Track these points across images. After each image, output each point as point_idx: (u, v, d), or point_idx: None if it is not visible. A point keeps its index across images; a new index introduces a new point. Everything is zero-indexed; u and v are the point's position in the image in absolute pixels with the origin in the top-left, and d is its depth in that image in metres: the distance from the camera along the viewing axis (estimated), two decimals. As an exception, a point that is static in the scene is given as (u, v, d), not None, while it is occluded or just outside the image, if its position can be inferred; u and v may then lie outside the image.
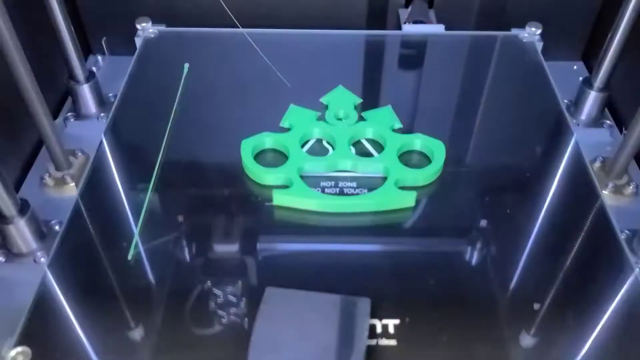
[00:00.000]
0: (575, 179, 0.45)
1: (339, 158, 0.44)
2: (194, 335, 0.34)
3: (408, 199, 0.41)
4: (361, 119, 0.47)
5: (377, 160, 0.44)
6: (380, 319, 0.34)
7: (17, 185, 0.45)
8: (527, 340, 0.34)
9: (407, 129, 0.47)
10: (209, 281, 0.37)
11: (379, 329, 0.34)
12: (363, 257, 0.39)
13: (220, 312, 0.35)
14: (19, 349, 0.32)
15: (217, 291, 0.36)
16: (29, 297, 0.36)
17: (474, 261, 0.39)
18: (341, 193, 0.42)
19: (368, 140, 0.46)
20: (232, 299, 0.36)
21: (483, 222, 0.41)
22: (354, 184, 0.43)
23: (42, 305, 0.36)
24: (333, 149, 0.45)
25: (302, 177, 0.43)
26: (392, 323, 0.34)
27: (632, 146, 0.42)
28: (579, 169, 0.45)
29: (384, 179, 0.43)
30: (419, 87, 0.53)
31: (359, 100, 0.49)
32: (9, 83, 0.38)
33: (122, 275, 0.38)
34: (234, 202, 0.43)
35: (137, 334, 0.35)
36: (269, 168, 0.43)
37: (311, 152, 0.45)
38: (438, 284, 0.37)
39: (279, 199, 0.41)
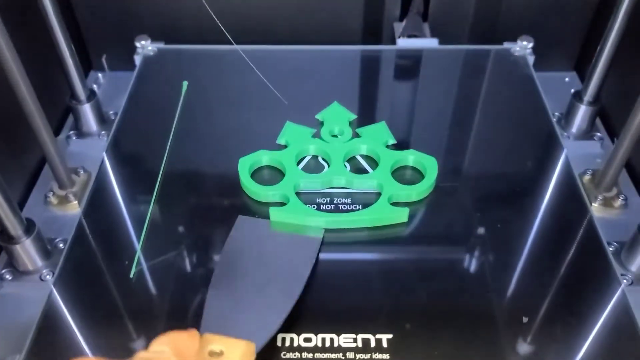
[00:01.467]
0: (565, 192, 0.46)
1: (334, 175, 0.45)
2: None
3: (401, 215, 0.42)
4: (356, 135, 0.49)
5: (371, 176, 0.45)
6: (374, 334, 0.35)
7: (22, 203, 0.46)
8: (515, 353, 0.35)
9: (402, 143, 0.48)
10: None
11: (372, 344, 0.35)
12: (357, 272, 0.41)
13: None
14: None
15: None
16: (36, 314, 0.37)
17: (466, 275, 0.40)
18: (336, 209, 0.43)
19: (362, 156, 0.47)
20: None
21: (475, 237, 0.42)
22: (349, 200, 0.44)
23: (49, 322, 0.37)
24: (328, 165, 0.46)
25: (298, 193, 0.44)
26: (385, 338, 0.35)
27: (619, 159, 0.43)
28: (568, 182, 0.46)
29: (378, 194, 0.44)
30: (413, 102, 0.55)
31: (354, 117, 0.51)
32: (12, 103, 0.39)
33: (126, 292, 0.39)
34: (233, 218, 0.44)
35: (142, 348, 0.36)
36: (265, 186, 0.44)
37: (307, 169, 0.46)
38: (432, 298, 0.38)
39: (276, 215, 0.42)
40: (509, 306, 0.38)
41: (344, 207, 0.43)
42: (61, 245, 0.42)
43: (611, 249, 0.41)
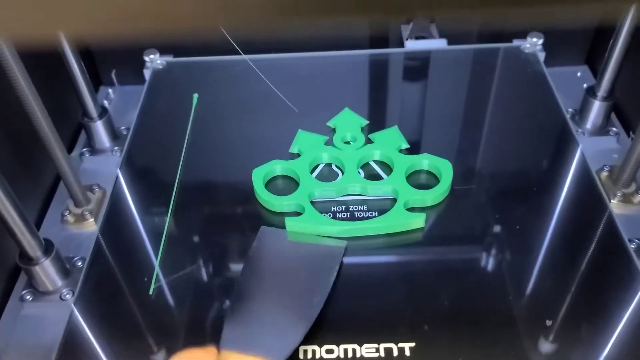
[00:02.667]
0: (582, 190, 0.45)
1: (348, 182, 0.45)
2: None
3: (418, 221, 0.42)
4: (369, 140, 0.48)
5: (385, 182, 0.45)
6: (397, 343, 0.35)
7: (38, 222, 0.46)
8: (539, 354, 0.35)
9: (415, 147, 0.48)
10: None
11: (395, 353, 0.35)
12: (376, 280, 0.40)
13: None
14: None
15: None
16: (58, 334, 0.38)
17: (486, 277, 0.40)
18: (352, 217, 0.43)
19: (376, 162, 0.47)
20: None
21: (493, 238, 0.42)
22: (365, 207, 0.44)
23: (71, 342, 0.37)
24: (342, 173, 0.46)
25: (313, 202, 0.44)
26: (408, 346, 0.35)
27: (637, 154, 0.42)
28: (586, 180, 0.46)
29: (394, 200, 0.44)
30: (424, 104, 0.54)
31: (365, 122, 0.50)
32: (26, 123, 0.40)
33: (146, 308, 0.39)
34: (250, 229, 0.44)
35: (163, 366, 0.36)
36: (280, 196, 0.44)
37: (321, 177, 0.46)
38: (453, 303, 0.38)
39: (292, 225, 0.42)
40: (531, 308, 0.37)
41: (360, 214, 0.43)
42: (80, 263, 0.42)
43: (633, 246, 0.41)
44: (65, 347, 0.37)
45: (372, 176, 0.46)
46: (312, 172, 0.46)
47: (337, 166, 0.47)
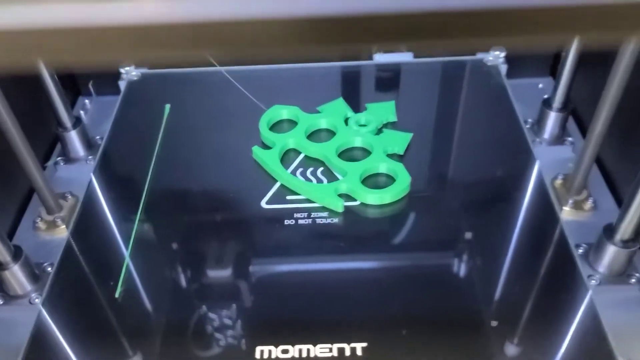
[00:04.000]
0: (536, 197, 0.47)
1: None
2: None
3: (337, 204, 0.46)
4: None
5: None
6: (349, 343, 0.37)
7: (12, 230, 0.48)
8: (487, 354, 0.37)
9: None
10: (201, 310, 0.40)
11: (347, 352, 0.36)
12: (331, 283, 0.42)
13: (216, 336, 0.38)
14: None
15: (215, 321, 0.39)
16: (25, 335, 0.39)
17: (439, 281, 0.42)
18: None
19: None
20: (226, 321, 0.39)
21: (448, 243, 0.44)
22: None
23: (38, 343, 0.39)
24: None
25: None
26: (360, 346, 0.37)
27: (586, 162, 0.44)
28: (540, 187, 0.48)
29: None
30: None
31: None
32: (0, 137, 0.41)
33: (112, 311, 0.40)
34: (214, 234, 0.45)
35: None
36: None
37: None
38: (405, 306, 0.40)
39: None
40: (481, 310, 0.39)
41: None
42: (49, 269, 0.43)
43: (580, 251, 0.43)
44: (31, 348, 0.38)
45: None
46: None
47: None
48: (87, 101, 0.61)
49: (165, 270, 0.43)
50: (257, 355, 0.36)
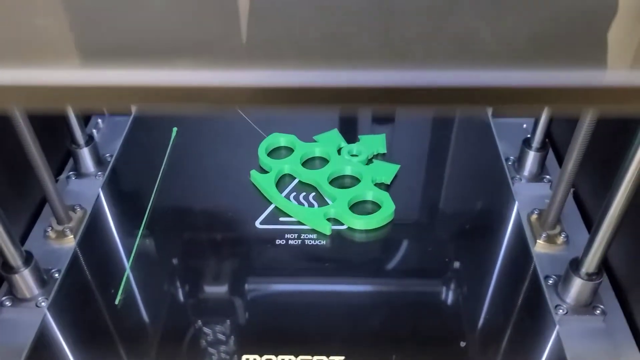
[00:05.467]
0: (512, 231, 0.50)
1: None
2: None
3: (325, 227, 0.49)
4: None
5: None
6: (328, 356, 0.40)
7: (24, 237, 0.51)
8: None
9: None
10: (194, 320, 0.43)
11: (326, 365, 0.39)
12: (314, 297, 0.45)
13: (206, 343, 0.41)
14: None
15: (206, 329, 0.42)
16: (30, 336, 0.42)
17: (416, 303, 0.45)
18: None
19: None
20: (217, 330, 0.42)
21: (424, 269, 0.47)
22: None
23: (42, 343, 0.42)
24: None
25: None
26: (337, 359, 0.40)
27: (559, 199, 0.48)
28: (516, 221, 0.51)
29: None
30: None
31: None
32: (18, 150, 0.45)
33: (113, 316, 0.44)
34: (212, 249, 0.49)
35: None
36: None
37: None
38: (383, 324, 0.43)
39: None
40: (454, 331, 0.42)
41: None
42: (56, 275, 0.47)
43: (550, 282, 0.46)
44: (35, 348, 0.41)
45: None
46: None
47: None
48: (99, 120, 0.65)
49: (163, 281, 0.46)
50: (256, 366, 0.39)
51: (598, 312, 0.44)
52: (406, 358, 0.40)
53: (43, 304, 0.45)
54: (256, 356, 0.40)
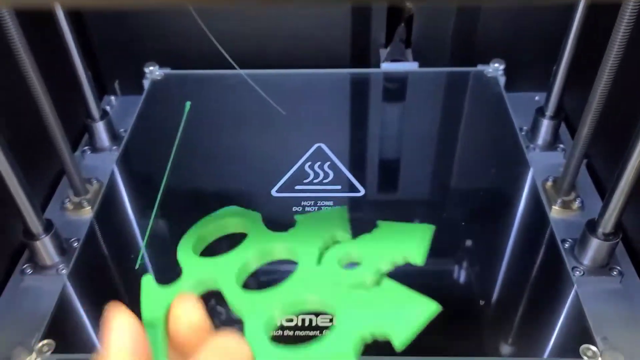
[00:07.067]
0: (529, 198, 0.51)
1: None
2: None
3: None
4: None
5: None
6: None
7: (42, 209, 0.51)
8: (476, 341, 0.40)
9: (391, 154, 0.55)
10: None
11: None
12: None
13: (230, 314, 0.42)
14: (45, 341, 0.39)
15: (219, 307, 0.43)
16: (52, 301, 0.43)
17: (440, 267, 0.45)
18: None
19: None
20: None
21: (447, 234, 0.47)
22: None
23: (63, 308, 0.42)
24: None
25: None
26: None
27: (574, 165, 0.48)
28: (532, 189, 0.51)
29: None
30: (394, 118, 0.60)
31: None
32: (36, 123, 0.45)
33: (130, 282, 0.44)
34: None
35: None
36: None
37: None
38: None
39: None
40: (472, 294, 0.43)
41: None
42: (75, 244, 0.47)
43: (567, 245, 0.46)
44: (57, 312, 0.42)
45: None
46: None
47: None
48: (112, 98, 0.66)
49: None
50: (264, 323, 0.40)
51: (615, 273, 0.44)
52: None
53: (63, 271, 0.45)
54: (276, 316, 0.40)
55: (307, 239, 0.31)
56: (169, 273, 0.46)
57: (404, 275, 0.30)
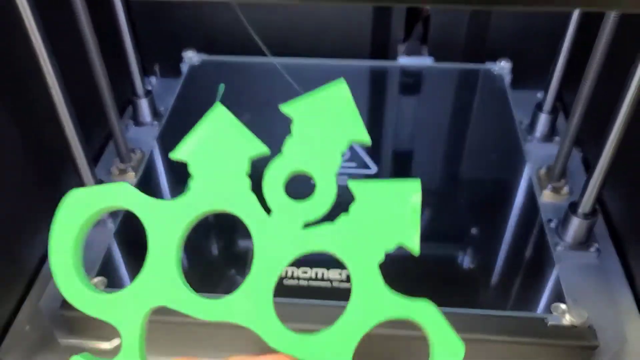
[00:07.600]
0: (523, 183, 0.57)
1: None
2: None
3: None
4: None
5: None
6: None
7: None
8: (466, 297, 0.46)
9: (401, 136, 0.61)
10: (235, 243, 0.50)
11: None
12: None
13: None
14: (98, 278, 0.46)
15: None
16: (102, 251, 0.50)
17: (440, 243, 0.51)
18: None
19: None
20: None
21: (447, 214, 0.54)
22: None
23: (111, 256, 0.49)
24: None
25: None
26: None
27: (564, 155, 0.54)
28: (527, 175, 0.57)
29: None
30: (407, 109, 0.66)
31: None
32: (90, 96, 0.52)
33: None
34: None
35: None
36: None
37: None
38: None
39: None
40: (467, 263, 0.49)
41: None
42: (122, 203, 0.54)
43: (552, 225, 0.52)
44: (107, 257, 0.49)
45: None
46: None
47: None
48: (153, 79, 0.73)
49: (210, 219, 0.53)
50: (282, 274, 0.46)
51: (592, 249, 0.50)
52: (420, 292, 0.47)
53: (111, 225, 0.52)
54: (294, 268, 0.47)
55: None
56: (200, 233, 0.53)
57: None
